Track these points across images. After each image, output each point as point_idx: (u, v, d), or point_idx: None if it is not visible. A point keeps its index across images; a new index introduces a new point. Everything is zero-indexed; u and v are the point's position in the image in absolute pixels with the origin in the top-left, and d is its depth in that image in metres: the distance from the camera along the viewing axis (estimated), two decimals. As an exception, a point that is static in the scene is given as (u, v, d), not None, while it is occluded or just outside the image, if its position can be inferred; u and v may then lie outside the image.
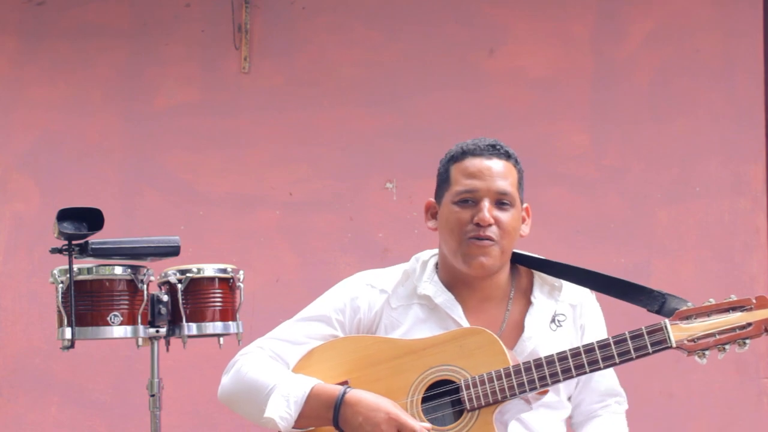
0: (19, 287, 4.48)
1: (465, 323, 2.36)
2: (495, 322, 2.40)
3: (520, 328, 2.39)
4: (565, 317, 2.41)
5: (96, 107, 4.59)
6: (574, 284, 2.44)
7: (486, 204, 2.33)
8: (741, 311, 2.19)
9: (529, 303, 2.42)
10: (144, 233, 3.48)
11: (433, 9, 4.56)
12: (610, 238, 4.38)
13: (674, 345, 2.18)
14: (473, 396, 2.23)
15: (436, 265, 2.47)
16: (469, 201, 2.35)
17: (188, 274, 3.09)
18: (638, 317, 2.45)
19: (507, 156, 2.39)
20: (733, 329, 2.18)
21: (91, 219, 2.95)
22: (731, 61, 4.45)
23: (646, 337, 2.20)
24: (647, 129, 4.45)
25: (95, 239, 2.99)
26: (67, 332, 2.96)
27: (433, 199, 2.47)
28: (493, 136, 2.47)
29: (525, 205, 2.46)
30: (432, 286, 2.41)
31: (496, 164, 2.37)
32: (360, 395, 2.24)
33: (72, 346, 2.99)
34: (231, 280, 3.13)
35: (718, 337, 2.18)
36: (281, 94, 4.55)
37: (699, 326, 2.19)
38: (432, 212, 2.46)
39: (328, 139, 4.52)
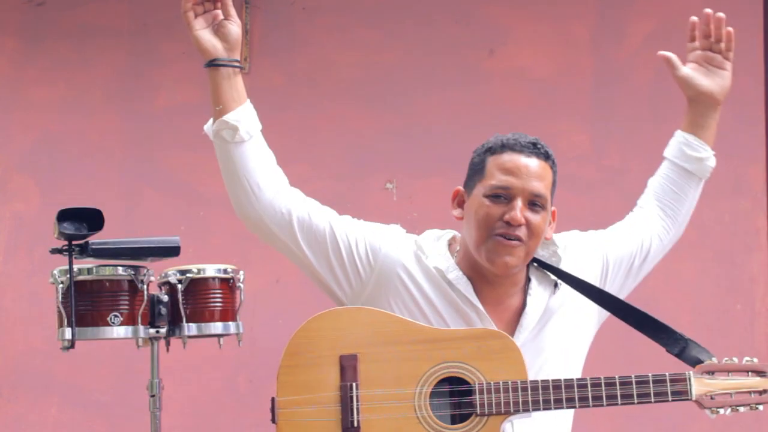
0: (19, 287, 4.48)
1: (477, 302, 2.33)
2: (510, 312, 2.38)
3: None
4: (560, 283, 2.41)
5: (96, 107, 4.59)
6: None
7: (519, 203, 2.29)
8: (759, 376, 2.23)
9: (529, 281, 2.42)
10: (144, 233, 3.48)
11: (433, 9, 4.56)
12: (610, 238, 4.37)
13: (694, 398, 2.20)
14: (485, 402, 2.21)
15: (449, 244, 2.43)
16: (502, 197, 2.31)
17: (188, 275, 3.09)
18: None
19: (546, 156, 2.36)
20: (749, 392, 2.22)
21: (91, 219, 2.95)
22: (731, 61, 4.44)
23: (668, 384, 2.20)
24: (647, 129, 4.45)
25: (95, 239, 2.99)
26: (67, 332, 2.96)
27: (461, 188, 2.42)
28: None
29: (553, 208, 2.44)
30: (445, 261, 2.37)
31: (534, 163, 2.32)
32: None
33: (72, 346, 2.99)
34: (231, 281, 3.13)
35: (734, 398, 2.21)
36: (281, 94, 4.55)
37: (719, 384, 2.21)
38: (459, 200, 2.42)
39: (328, 139, 4.52)
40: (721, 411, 2.20)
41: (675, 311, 4.24)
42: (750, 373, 2.22)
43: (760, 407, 2.21)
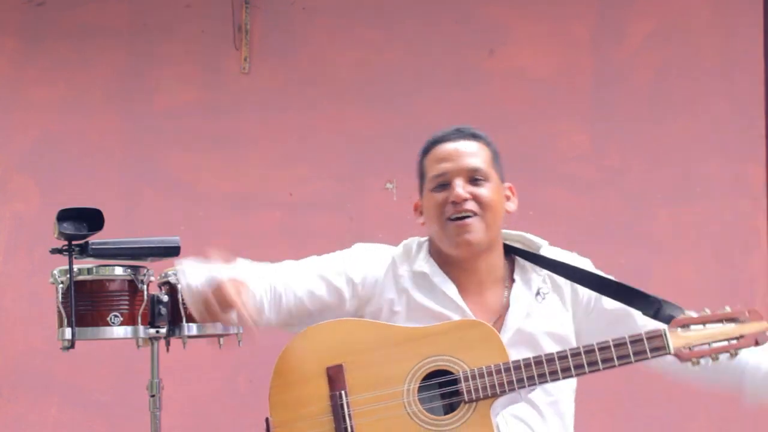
0: (19, 287, 4.48)
1: (461, 302, 2.37)
2: (494, 307, 2.41)
3: (508, 306, 2.41)
4: (548, 288, 2.43)
5: (96, 107, 4.59)
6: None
7: (458, 182, 2.36)
8: (734, 323, 2.26)
9: (512, 282, 2.43)
10: (144, 233, 3.48)
11: (433, 9, 4.56)
12: (610, 238, 4.38)
13: (672, 352, 2.22)
14: (471, 388, 2.24)
15: (429, 249, 2.48)
16: (443, 184, 2.38)
17: (188, 275, 3.09)
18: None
19: (474, 136, 2.43)
20: (726, 340, 2.24)
21: (91, 219, 2.96)
22: (731, 61, 4.45)
23: (645, 342, 2.23)
24: (647, 129, 4.45)
25: (95, 239, 2.99)
26: (67, 332, 2.97)
27: (419, 200, 2.50)
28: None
29: (508, 184, 2.47)
30: (428, 266, 2.42)
31: (464, 145, 2.40)
32: None
33: (72, 346, 3.00)
34: (231, 281, 3.13)
35: (712, 346, 2.23)
36: (281, 94, 4.55)
37: (695, 335, 2.24)
38: (419, 210, 2.49)
39: (328, 139, 4.52)
40: (702, 361, 2.22)
41: (675, 311, 4.23)
42: (724, 321, 2.26)
43: (739, 352, 2.24)
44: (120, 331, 3.02)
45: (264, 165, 4.53)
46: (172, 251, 3.08)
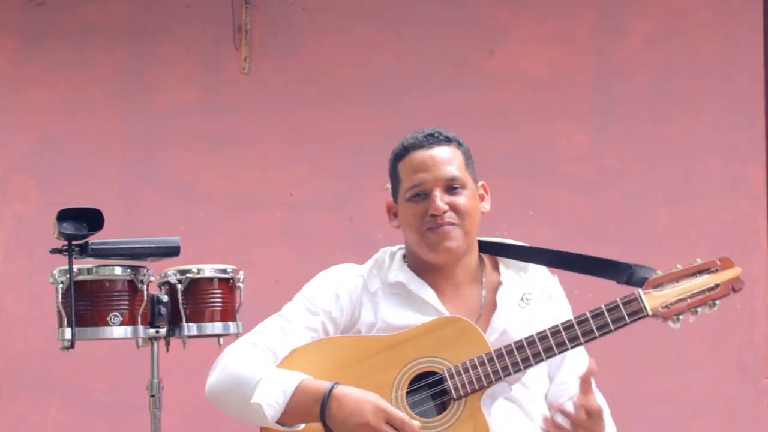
0: (19, 287, 4.48)
1: (441, 307, 2.36)
2: (473, 308, 2.40)
3: (493, 308, 2.40)
4: (532, 295, 2.42)
5: (96, 107, 4.59)
6: (537, 265, 2.46)
7: (437, 193, 2.35)
8: (708, 274, 2.25)
9: (499, 283, 2.43)
10: (144, 233, 3.47)
11: (433, 9, 4.56)
12: (610, 238, 4.38)
13: (650, 313, 2.22)
14: (458, 384, 2.23)
15: (404, 256, 2.48)
16: (421, 194, 2.38)
17: (188, 275, 3.10)
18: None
19: (447, 141, 2.42)
20: (702, 292, 2.24)
21: (91, 219, 2.95)
22: (731, 61, 4.45)
23: (622, 308, 2.22)
24: (647, 129, 4.45)
25: (95, 239, 2.99)
26: (67, 332, 2.97)
27: (391, 201, 2.52)
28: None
29: (480, 182, 2.47)
30: (403, 274, 2.42)
31: (438, 152, 2.40)
32: (347, 390, 2.22)
33: (72, 346, 3.00)
34: (231, 281, 3.14)
35: (689, 301, 2.23)
36: (281, 94, 4.55)
37: (671, 292, 2.23)
38: (393, 212, 2.51)
39: (328, 139, 4.52)
40: (682, 317, 2.22)
41: (675, 311, 4.24)
42: (697, 274, 2.25)
43: (718, 302, 2.23)
44: (120, 331, 3.02)
45: (264, 165, 4.53)
46: (172, 251, 3.08)
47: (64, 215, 2.94)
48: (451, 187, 2.37)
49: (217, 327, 3.11)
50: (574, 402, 2.19)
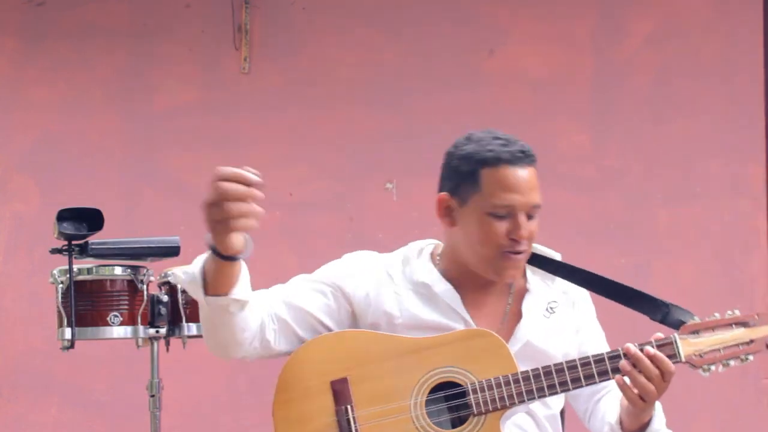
0: (19, 287, 4.48)
1: (464, 312, 2.32)
2: (496, 314, 2.37)
3: (518, 316, 2.36)
4: (557, 303, 2.39)
5: (96, 107, 4.59)
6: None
7: (523, 219, 2.26)
8: (744, 327, 2.22)
9: (525, 290, 2.38)
10: (144, 233, 3.48)
11: (433, 9, 4.56)
12: (610, 239, 4.38)
13: (683, 360, 2.20)
14: (480, 401, 2.19)
15: (431, 255, 2.42)
16: (506, 215, 2.26)
17: (188, 275, 3.09)
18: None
19: (533, 161, 2.31)
20: (737, 345, 2.21)
21: (91, 219, 2.96)
22: (731, 61, 4.45)
23: (655, 350, 2.19)
24: (647, 129, 4.45)
25: (95, 239, 2.99)
26: (67, 332, 2.97)
27: (446, 194, 2.33)
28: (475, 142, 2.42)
29: None
30: (429, 275, 2.35)
31: (530, 174, 2.28)
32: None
33: (72, 346, 3.00)
34: (231, 281, 3.13)
35: (723, 352, 2.21)
36: (281, 94, 4.55)
37: (705, 341, 2.21)
38: (446, 207, 2.34)
39: (328, 139, 4.53)
40: (713, 368, 2.21)
41: (675, 311, 4.24)
42: (734, 325, 2.22)
43: (750, 357, 2.21)
44: (120, 331, 3.02)
45: (264, 165, 4.47)
46: (172, 251, 3.08)
47: (64, 215, 2.94)
48: (531, 213, 2.29)
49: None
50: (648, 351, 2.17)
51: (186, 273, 2.28)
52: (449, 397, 2.22)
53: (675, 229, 4.41)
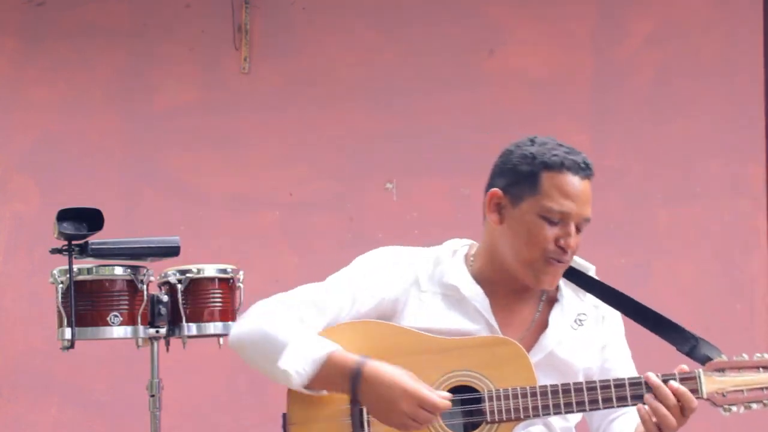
0: (19, 287, 4.48)
1: (491, 318, 2.29)
2: (523, 322, 2.34)
3: (544, 325, 2.34)
4: (586, 317, 2.36)
5: (96, 107, 4.59)
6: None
7: (573, 230, 2.26)
8: None
9: (555, 300, 2.36)
10: (144, 233, 3.48)
11: (432, 9, 4.56)
12: (610, 239, 4.38)
13: (705, 397, 2.18)
14: (495, 409, 2.18)
15: (465, 256, 2.38)
16: (559, 221, 2.25)
17: (188, 275, 3.10)
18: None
19: (593, 175, 2.32)
20: (761, 389, 2.19)
21: (91, 219, 2.96)
22: (731, 61, 4.45)
23: (678, 383, 2.18)
24: (647, 129, 4.45)
25: (95, 239, 2.99)
26: (67, 332, 2.97)
27: (499, 191, 2.30)
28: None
29: None
30: (460, 277, 2.32)
31: (587, 187, 2.29)
32: (376, 370, 2.15)
33: (72, 346, 3.00)
34: (231, 281, 3.14)
35: (746, 394, 2.19)
36: (281, 94, 4.55)
37: (730, 381, 2.19)
38: (497, 203, 2.30)
39: (328, 139, 4.53)
40: (734, 408, 2.18)
41: (675, 311, 4.19)
42: (761, 369, 2.19)
43: None
44: (120, 331, 3.02)
45: (264, 165, 4.53)
46: (172, 251, 3.08)
47: (64, 215, 2.94)
48: (581, 226, 2.28)
49: (217, 327, 3.12)
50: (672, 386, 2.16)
51: (305, 361, 2.20)
52: (465, 401, 2.21)
53: (675, 229, 4.41)
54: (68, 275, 2.95)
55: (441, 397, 2.15)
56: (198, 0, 4.61)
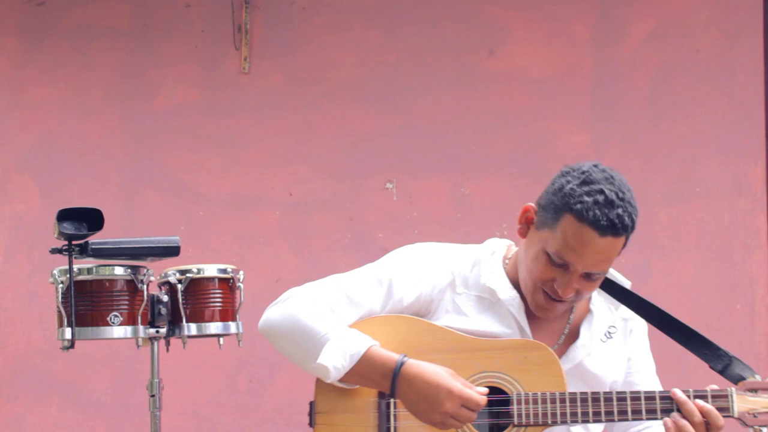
0: (19, 287, 4.48)
1: (525, 323, 2.30)
2: (555, 330, 2.35)
3: (574, 335, 2.34)
4: (616, 329, 2.37)
5: (96, 107, 4.59)
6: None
7: (576, 276, 2.21)
8: None
9: (587, 311, 2.36)
10: (144, 233, 3.48)
11: (432, 9, 4.56)
12: (610, 238, 4.37)
13: (735, 416, 2.17)
14: (523, 412, 2.18)
15: (503, 258, 2.38)
16: (560, 265, 2.21)
17: (188, 275, 3.09)
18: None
19: (624, 231, 2.21)
20: None
21: (91, 219, 2.95)
22: (731, 61, 4.44)
23: (710, 400, 2.18)
24: (647, 129, 4.45)
25: (95, 239, 2.98)
26: (67, 332, 2.96)
27: (534, 208, 2.30)
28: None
29: None
30: (497, 280, 2.32)
31: (608, 244, 2.18)
32: (416, 369, 2.16)
33: (72, 346, 2.99)
34: (231, 281, 3.13)
35: None
36: (281, 94, 4.55)
37: (762, 402, 2.18)
38: (527, 219, 2.30)
39: (328, 139, 4.53)
40: (764, 430, 2.17)
41: (675, 311, 4.21)
42: None
43: None
44: (120, 331, 3.01)
45: (264, 165, 4.53)
46: (172, 251, 3.07)
47: (64, 215, 2.93)
48: (591, 275, 2.22)
49: (217, 327, 3.10)
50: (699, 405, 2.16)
51: (343, 355, 2.20)
52: (493, 403, 2.21)
53: (675, 229, 4.41)
54: (68, 275, 2.95)
55: (480, 394, 2.15)
56: (198, 0, 4.61)
